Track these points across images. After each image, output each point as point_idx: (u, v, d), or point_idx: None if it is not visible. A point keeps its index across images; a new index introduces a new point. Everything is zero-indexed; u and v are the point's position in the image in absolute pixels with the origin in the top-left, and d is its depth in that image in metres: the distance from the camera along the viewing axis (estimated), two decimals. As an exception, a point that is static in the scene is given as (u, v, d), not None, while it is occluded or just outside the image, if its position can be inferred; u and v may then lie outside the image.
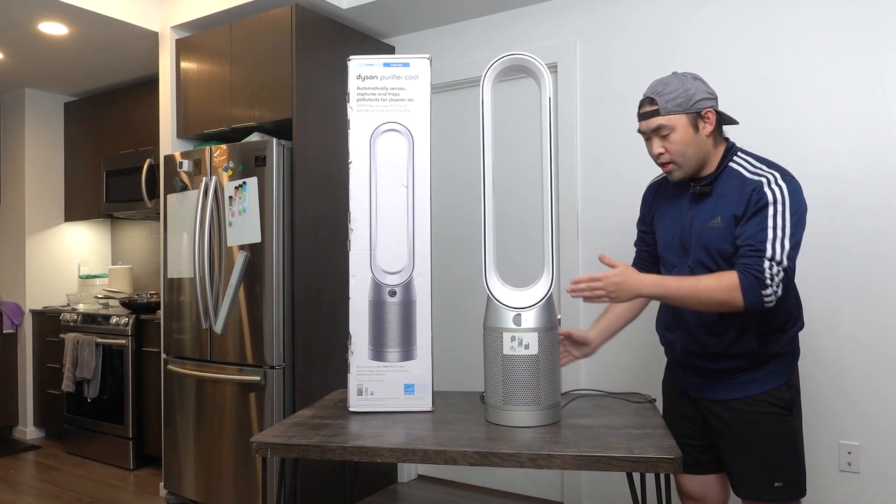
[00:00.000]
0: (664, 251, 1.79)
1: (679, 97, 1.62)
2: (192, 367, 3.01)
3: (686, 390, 1.81)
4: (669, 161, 1.66)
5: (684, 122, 1.63)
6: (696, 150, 1.64)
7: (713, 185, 1.66)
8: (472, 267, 3.25)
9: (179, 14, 3.25)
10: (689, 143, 1.63)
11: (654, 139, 1.67)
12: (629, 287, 1.58)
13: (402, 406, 1.81)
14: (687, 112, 1.62)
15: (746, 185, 1.59)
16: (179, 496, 3.11)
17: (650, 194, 1.90)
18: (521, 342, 1.62)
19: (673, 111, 1.62)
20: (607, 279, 1.57)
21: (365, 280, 1.82)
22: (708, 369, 1.70)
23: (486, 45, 3.17)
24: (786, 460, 1.63)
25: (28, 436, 4.32)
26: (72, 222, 4.58)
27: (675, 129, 1.63)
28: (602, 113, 2.84)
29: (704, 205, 1.67)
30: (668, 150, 1.65)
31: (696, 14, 2.63)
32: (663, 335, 1.83)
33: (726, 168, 1.66)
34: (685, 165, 1.66)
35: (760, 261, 1.51)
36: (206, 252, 2.93)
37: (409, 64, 1.84)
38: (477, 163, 3.21)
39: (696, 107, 1.62)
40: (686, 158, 1.64)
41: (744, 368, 1.66)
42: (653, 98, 1.64)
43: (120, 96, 4.20)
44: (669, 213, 1.77)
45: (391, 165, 1.83)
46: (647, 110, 1.66)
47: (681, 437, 1.81)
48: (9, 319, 4.25)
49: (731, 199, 1.61)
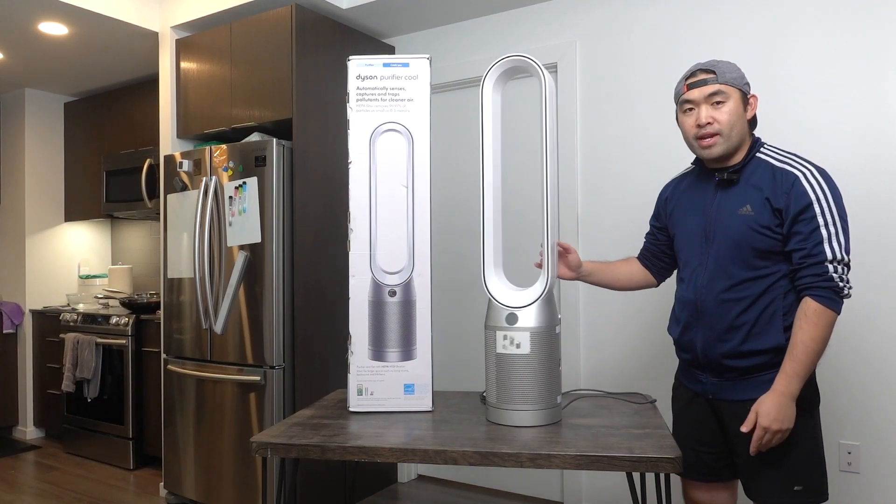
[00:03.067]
0: (684, 245, 1.76)
1: (735, 73, 1.63)
2: (192, 367, 3.01)
3: (702, 393, 1.75)
4: (716, 132, 1.62)
5: (738, 96, 1.63)
6: (740, 128, 1.64)
7: (741, 173, 1.65)
8: (472, 267, 3.25)
9: (179, 14, 3.25)
10: (738, 119, 1.63)
11: (703, 107, 1.63)
12: (783, 411, 1.52)
13: (402, 406, 1.81)
14: (740, 88, 1.63)
15: (779, 173, 1.59)
16: (179, 496, 3.11)
17: (667, 191, 1.89)
18: (512, 341, 1.62)
19: (730, 82, 1.62)
20: (771, 430, 1.52)
21: (365, 280, 1.82)
22: (729, 367, 1.65)
23: (486, 46, 3.17)
24: (806, 462, 1.59)
25: (28, 436, 4.32)
26: (72, 222, 4.58)
27: (731, 99, 1.62)
28: (602, 113, 2.84)
29: (731, 193, 1.65)
30: (717, 120, 1.62)
31: (697, 14, 2.63)
32: (681, 336, 1.77)
33: (754, 158, 1.65)
34: (728, 141, 1.63)
35: (823, 268, 1.51)
36: (206, 252, 2.93)
37: (409, 64, 1.84)
38: (477, 163, 3.21)
39: (746, 88, 1.65)
40: (733, 132, 1.63)
41: (767, 366, 1.60)
42: (709, 68, 1.64)
43: (120, 96, 4.20)
44: (691, 206, 1.75)
45: (391, 165, 1.83)
46: (703, 77, 1.64)
47: (695, 443, 1.76)
48: (9, 319, 4.25)
49: (762, 185, 1.59)
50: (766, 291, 1.60)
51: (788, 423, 1.52)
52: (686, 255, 1.75)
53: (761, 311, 1.60)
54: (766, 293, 1.60)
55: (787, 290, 1.60)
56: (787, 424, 1.52)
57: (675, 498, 2.32)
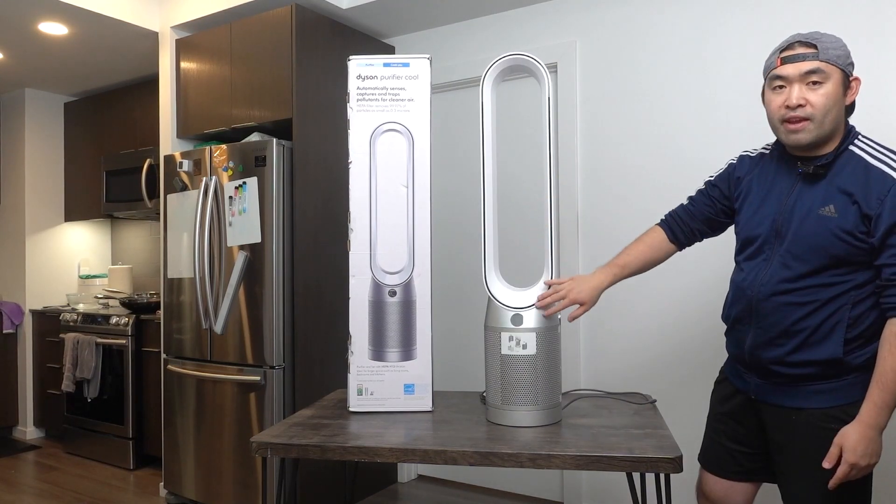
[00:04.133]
0: (750, 233, 1.58)
1: (840, 49, 1.43)
2: (192, 367, 3.01)
3: (745, 390, 1.62)
4: (807, 117, 1.43)
5: (838, 77, 1.43)
6: (836, 114, 1.44)
7: (829, 167, 1.46)
8: (472, 267, 3.25)
9: (179, 14, 3.24)
10: (835, 104, 1.43)
11: (795, 87, 1.44)
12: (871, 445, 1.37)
13: (402, 406, 1.81)
14: (843, 68, 1.43)
15: (874, 173, 1.40)
16: (179, 496, 3.11)
17: (742, 168, 1.67)
18: (518, 342, 1.62)
19: (832, 60, 1.41)
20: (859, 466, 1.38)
21: (365, 280, 1.82)
22: (777, 373, 1.51)
23: (486, 45, 3.17)
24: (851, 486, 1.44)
25: (28, 436, 4.31)
26: (72, 222, 4.57)
27: (830, 80, 1.42)
28: (602, 113, 2.84)
29: (815, 189, 1.46)
30: (811, 102, 1.42)
31: (697, 14, 2.63)
32: (732, 326, 1.63)
33: (846, 151, 1.46)
34: (820, 128, 1.44)
35: None
36: (206, 252, 2.93)
37: (409, 64, 1.84)
38: (477, 163, 3.21)
39: (850, 68, 1.44)
40: (827, 118, 1.43)
41: (817, 377, 1.45)
42: (809, 42, 1.43)
43: (120, 96, 4.20)
44: (766, 192, 1.57)
45: (391, 165, 1.83)
46: (801, 52, 1.43)
47: (726, 440, 1.67)
48: (9, 319, 4.25)
49: (852, 185, 1.41)
50: (833, 299, 1.44)
51: (876, 458, 1.38)
52: (749, 244, 1.59)
53: (824, 318, 1.44)
54: (834, 301, 1.44)
55: (857, 300, 1.44)
56: (875, 459, 1.37)
57: (675, 498, 2.32)
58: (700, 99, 2.61)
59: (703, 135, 2.60)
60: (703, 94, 2.60)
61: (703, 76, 2.60)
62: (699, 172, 2.54)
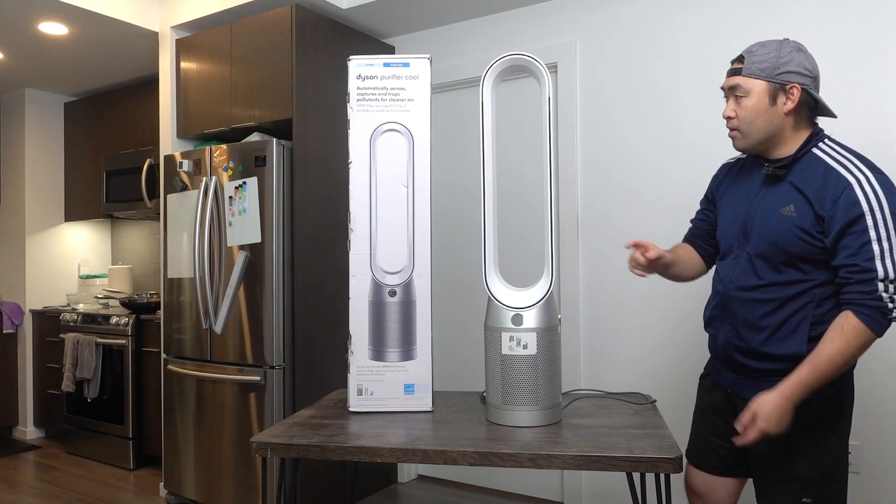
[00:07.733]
0: (723, 234, 1.68)
1: (767, 62, 1.50)
2: (192, 367, 3.01)
3: (723, 385, 1.69)
4: (735, 127, 1.56)
5: (762, 89, 1.51)
6: (765, 123, 1.52)
7: (790, 168, 1.52)
8: (472, 267, 3.25)
9: (179, 14, 3.24)
10: (760, 114, 1.51)
11: (730, 99, 1.56)
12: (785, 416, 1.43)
13: (402, 406, 1.81)
14: (769, 80, 1.50)
15: (831, 176, 1.45)
16: (179, 496, 3.11)
17: (721, 173, 1.78)
18: (519, 342, 1.62)
19: (755, 74, 1.50)
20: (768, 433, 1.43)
21: (365, 280, 1.82)
22: (747, 367, 1.58)
23: (486, 45, 3.17)
24: (819, 477, 1.49)
25: (28, 436, 4.31)
26: (72, 222, 4.57)
27: (750, 95, 1.51)
28: (602, 113, 2.84)
29: (777, 189, 1.53)
30: (736, 115, 1.54)
31: (697, 14, 2.63)
32: (709, 323, 1.71)
33: (808, 154, 1.52)
34: (748, 137, 1.54)
35: (873, 285, 1.38)
36: (206, 252, 2.93)
37: (409, 64, 1.84)
38: (477, 162, 3.21)
39: (782, 78, 1.49)
40: (752, 129, 1.53)
41: (784, 372, 1.48)
42: (743, 56, 1.54)
43: (120, 96, 4.20)
44: (736, 195, 1.66)
45: (391, 165, 1.83)
46: (734, 67, 1.56)
47: (709, 434, 1.73)
48: (9, 319, 4.25)
49: (810, 186, 1.47)
50: (797, 296, 1.50)
51: (782, 429, 1.44)
52: (725, 245, 1.67)
53: (789, 315, 1.50)
54: (797, 298, 1.50)
55: (821, 298, 1.49)
56: (781, 430, 1.44)
57: (675, 498, 2.32)
58: (700, 99, 2.61)
59: (702, 135, 2.60)
60: (704, 94, 2.60)
61: (703, 76, 2.60)
62: (698, 172, 2.55)
